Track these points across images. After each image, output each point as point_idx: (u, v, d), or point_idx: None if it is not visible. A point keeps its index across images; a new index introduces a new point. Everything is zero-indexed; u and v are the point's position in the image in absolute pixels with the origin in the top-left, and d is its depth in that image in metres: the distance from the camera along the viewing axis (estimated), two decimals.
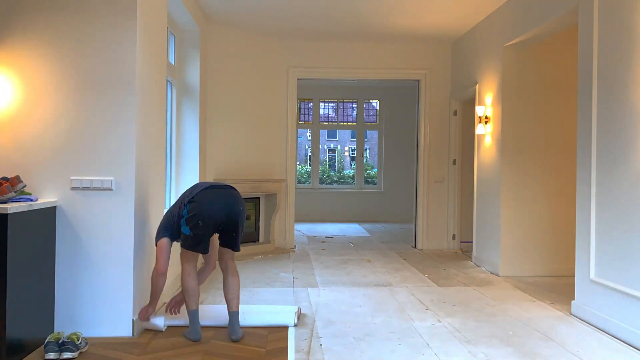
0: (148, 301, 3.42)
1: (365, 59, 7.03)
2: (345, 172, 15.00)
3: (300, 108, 11.10)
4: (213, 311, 3.59)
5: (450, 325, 3.59)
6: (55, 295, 3.23)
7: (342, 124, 11.16)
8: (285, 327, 3.47)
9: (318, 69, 7.00)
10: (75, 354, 2.88)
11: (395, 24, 6.13)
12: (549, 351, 3.12)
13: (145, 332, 3.38)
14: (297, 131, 7.06)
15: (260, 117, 6.68)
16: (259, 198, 6.75)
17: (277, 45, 6.89)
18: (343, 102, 11.12)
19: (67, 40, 3.23)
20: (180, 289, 3.49)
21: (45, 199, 3.19)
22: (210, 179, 6.20)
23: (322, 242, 7.51)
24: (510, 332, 3.45)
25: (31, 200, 2.98)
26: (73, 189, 3.23)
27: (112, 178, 3.25)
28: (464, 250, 6.85)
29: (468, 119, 7.04)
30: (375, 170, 13.17)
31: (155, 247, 3.37)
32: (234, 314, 3.26)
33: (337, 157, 31.96)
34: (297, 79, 7.01)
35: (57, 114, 3.23)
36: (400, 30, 6.40)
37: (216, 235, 3.41)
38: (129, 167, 3.27)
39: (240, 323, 3.29)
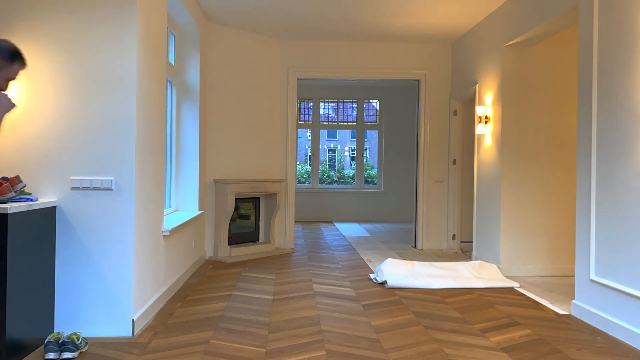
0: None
1: (365, 59, 7.04)
2: (345, 172, 14.99)
3: (300, 108, 11.09)
4: None
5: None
6: (55, 295, 3.23)
7: (342, 124, 11.16)
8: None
9: (318, 69, 7.01)
10: (75, 354, 2.88)
11: (395, 24, 6.13)
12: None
13: (145, 332, 3.38)
14: (297, 131, 7.06)
15: (260, 117, 6.68)
16: (259, 198, 6.75)
17: (277, 45, 6.89)
18: (343, 102, 11.12)
19: (67, 40, 3.24)
20: None
21: (45, 199, 3.19)
22: (210, 179, 6.21)
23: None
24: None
25: (31, 200, 2.99)
26: (73, 189, 3.23)
27: (112, 178, 3.26)
28: (464, 250, 6.85)
29: (468, 119, 7.04)
30: (375, 170, 13.17)
31: None
32: None
33: (337, 157, 31.98)
34: (297, 79, 7.01)
35: (57, 114, 3.23)
36: (400, 30, 6.40)
37: None
38: (129, 167, 3.27)
39: None
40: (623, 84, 3.42)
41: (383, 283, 4.78)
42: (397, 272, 4.92)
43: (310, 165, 10.77)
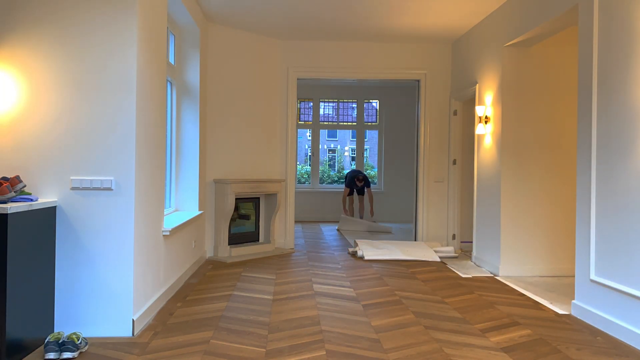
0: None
1: (365, 59, 7.04)
2: (345, 172, 14.98)
3: (300, 108, 11.09)
4: None
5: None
6: (55, 295, 3.23)
7: (342, 124, 11.15)
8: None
9: (318, 69, 7.00)
10: (75, 354, 2.88)
11: (396, 24, 6.13)
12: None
13: (145, 332, 3.38)
14: (297, 131, 7.07)
15: (260, 117, 6.68)
16: (259, 198, 6.75)
17: (277, 45, 6.89)
18: (343, 102, 11.12)
19: (67, 40, 3.24)
20: None
21: (45, 199, 3.20)
22: (210, 179, 6.21)
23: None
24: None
25: (31, 200, 2.99)
26: (73, 189, 3.23)
27: (112, 178, 3.26)
28: (464, 250, 6.85)
29: (468, 119, 7.04)
30: (375, 170, 13.16)
31: None
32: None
33: (337, 157, 31.97)
34: (297, 79, 7.01)
35: (57, 113, 3.23)
36: (400, 30, 6.40)
37: None
38: (129, 167, 3.27)
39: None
40: (623, 84, 3.42)
41: (361, 257, 6.22)
42: (370, 248, 6.44)
43: (310, 165, 10.77)
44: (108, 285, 3.26)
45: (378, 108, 10.83)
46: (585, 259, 3.81)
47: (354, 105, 10.98)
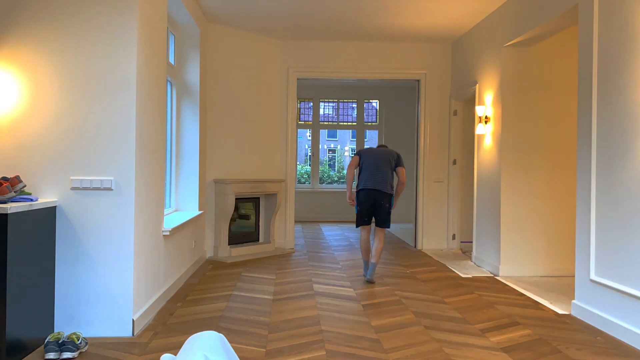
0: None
1: (365, 59, 7.03)
2: (345, 172, 14.96)
3: (300, 108, 11.09)
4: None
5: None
6: (55, 295, 3.23)
7: (342, 124, 11.16)
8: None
9: (318, 69, 7.00)
10: (75, 354, 2.88)
11: (395, 24, 6.13)
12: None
13: (145, 332, 3.38)
14: (297, 131, 7.07)
15: (260, 117, 6.68)
16: (259, 198, 6.75)
17: (277, 45, 6.89)
18: (343, 102, 11.12)
19: (67, 40, 3.24)
20: None
21: (45, 199, 3.19)
22: (210, 179, 6.21)
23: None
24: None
25: (31, 200, 2.98)
26: (73, 189, 3.23)
27: (112, 178, 3.26)
28: (464, 250, 6.85)
29: (468, 119, 7.04)
30: None
31: None
32: (373, 264, 4.87)
33: (337, 157, 31.95)
34: (297, 79, 7.01)
35: (57, 113, 3.23)
36: (400, 30, 6.40)
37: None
38: (129, 167, 3.27)
39: None
40: (623, 84, 3.42)
41: None
42: None
43: (310, 165, 10.77)
44: (108, 285, 3.26)
45: (378, 108, 10.83)
46: (585, 259, 3.81)
47: (354, 105, 10.97)
